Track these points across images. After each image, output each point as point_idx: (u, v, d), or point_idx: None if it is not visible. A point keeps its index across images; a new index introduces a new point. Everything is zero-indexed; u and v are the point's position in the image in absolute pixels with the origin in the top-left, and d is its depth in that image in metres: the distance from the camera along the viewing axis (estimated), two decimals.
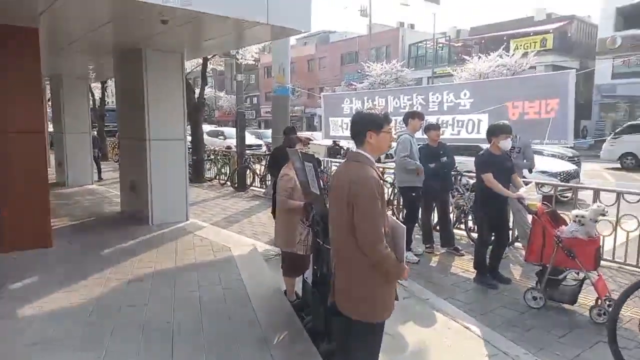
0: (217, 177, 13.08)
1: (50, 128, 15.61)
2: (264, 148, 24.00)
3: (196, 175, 12.78)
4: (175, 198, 7.39)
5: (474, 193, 5.69)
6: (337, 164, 9.78)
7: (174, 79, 7.25)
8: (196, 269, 5.04)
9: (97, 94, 20.69)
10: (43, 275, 4.76)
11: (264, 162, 11.99)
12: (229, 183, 12.23)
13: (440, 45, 37.44)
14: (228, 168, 12.97)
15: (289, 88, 10.56)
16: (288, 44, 10.32)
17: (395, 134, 7.12)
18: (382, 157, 15.46)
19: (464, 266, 5.53)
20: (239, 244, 6.15)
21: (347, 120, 8.95)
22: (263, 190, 10.86)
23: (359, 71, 37.56)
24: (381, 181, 2.31)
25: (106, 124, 20.60)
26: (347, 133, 9.86)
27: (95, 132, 12.03)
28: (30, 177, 5.52)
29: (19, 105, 5.41)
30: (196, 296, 4.26)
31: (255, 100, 49.16)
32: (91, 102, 18.03)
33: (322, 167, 9.23)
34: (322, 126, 9.56)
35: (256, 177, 11.91)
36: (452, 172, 6.64)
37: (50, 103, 12.68)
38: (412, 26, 41.54)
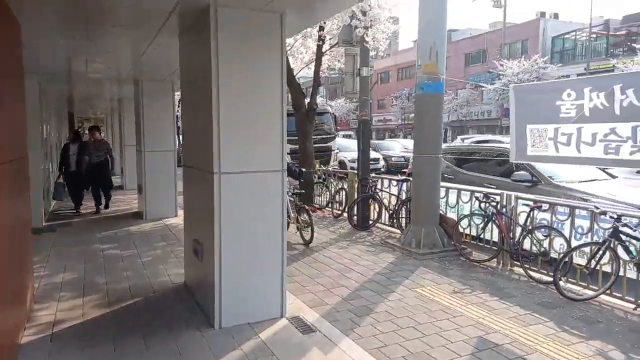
0: (331, 206, 9.85)
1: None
2: (382, 162, 20.26)
3: (303, 203, 9.63)
4: (263, 275, 4.08)
5: None
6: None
7: (266, 62, 3.94)
8: None
9: None
10: None
11: (389, 187, 8.47)
12: (345, 215, 8.94)
13: (594, 35, 30.74)
14: (343, 193, 9.69)
15: (443, 82, 6.82)
16: (445, 13, 6.59)
17: None
18: None
19: None
20: None
21: (570, 129, 4.90)
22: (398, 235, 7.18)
23: (490, 70, 32.58)
24: None
25: None
26: (567, 152, 5.42)
27: None
28: None
29: None
30: None
31: None
32: None
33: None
34: (511, 139, 5.64)
35: (384, 210, 8.42)
36: None
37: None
38: (555, 15, 34.89)
